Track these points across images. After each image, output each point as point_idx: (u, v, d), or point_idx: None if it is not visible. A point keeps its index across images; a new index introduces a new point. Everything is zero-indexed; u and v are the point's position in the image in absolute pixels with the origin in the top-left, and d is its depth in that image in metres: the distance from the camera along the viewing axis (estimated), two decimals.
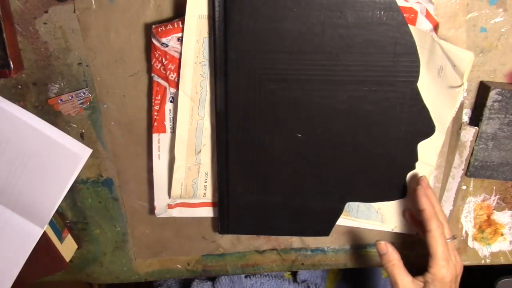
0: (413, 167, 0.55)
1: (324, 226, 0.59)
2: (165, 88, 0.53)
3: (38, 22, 0.52)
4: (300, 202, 0.57)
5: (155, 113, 0.55)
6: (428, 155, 0.54)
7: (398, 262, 0.52)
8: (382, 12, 0.46)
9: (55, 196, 0.57)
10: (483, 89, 0.53)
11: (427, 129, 0.52)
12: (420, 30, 0.48)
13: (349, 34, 0.47)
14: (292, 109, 0.51)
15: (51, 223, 0.60)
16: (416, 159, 0.54)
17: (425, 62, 0.49)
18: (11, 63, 0.51)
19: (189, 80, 0.52)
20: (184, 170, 0.57)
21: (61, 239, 0.61)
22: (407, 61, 0.48)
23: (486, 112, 0.53)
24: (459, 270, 0.53)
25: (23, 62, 0.54)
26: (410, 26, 0.47)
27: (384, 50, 0.48)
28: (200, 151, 0.56)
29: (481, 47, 0.52)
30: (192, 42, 0.50)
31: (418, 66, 0.49)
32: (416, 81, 0.50)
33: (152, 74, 0.53)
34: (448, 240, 0.52)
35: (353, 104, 0.51)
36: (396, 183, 0.56)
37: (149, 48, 0.52)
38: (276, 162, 0.54)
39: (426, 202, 0.52)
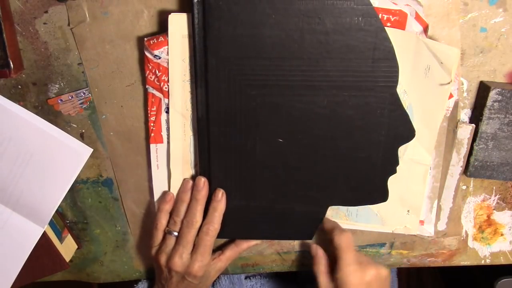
0: (394, 171, 0.54)
1: (307, 230, 0.59)
2: (160, 99, 0.53)
3: (38, 22, 0.52)
4: (283, 206, 0.57)
5: (152, 124, 0.55)
6: (422, 154, 0.54)
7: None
8: (360, 18, 0.46)
9: (56, 195, 0.58)
10: (483, 89, 0.53)
11: (408, 133, 0.52)
12: (403, 32, 0.48)
13: (328, 40, 0.47)
14: (273, 114, 0.51)
15: (51, 223, 0.60)
16: (396, 163, 0.54)
17: (411, 64, 0.49)
18: (11, 63, 0.51)
19: (179, 98, 0.53)
20: (180, 183, 0.57)
21: (61, 239, 0.61)
22: (386, 66, 0.48)
23: (486, 112, 0.53)
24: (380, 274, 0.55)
25: (23, 62, 0.54)
26: (393, 29, 0.47)
27: (363, 56, 0.48)
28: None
29: (481, 47, 0.52)
30: (178, 62, 0.51)
31: (397, 71, 0.49)
32: (396, 86, 0.50)
33: (147, 86, 0.53)
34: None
35: (333, 109, 0.51)
36: (377, 187, 0.56)
37: (143, 59, 0.52)
38: (258, 167, 0.54)
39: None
